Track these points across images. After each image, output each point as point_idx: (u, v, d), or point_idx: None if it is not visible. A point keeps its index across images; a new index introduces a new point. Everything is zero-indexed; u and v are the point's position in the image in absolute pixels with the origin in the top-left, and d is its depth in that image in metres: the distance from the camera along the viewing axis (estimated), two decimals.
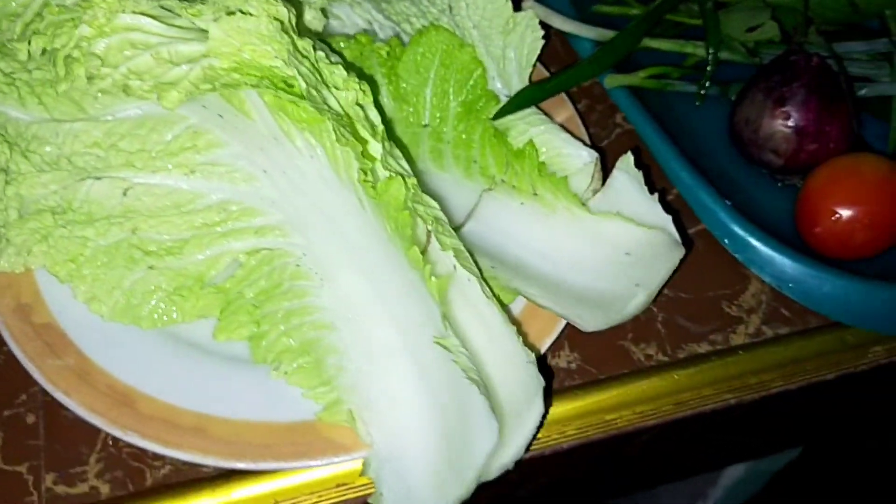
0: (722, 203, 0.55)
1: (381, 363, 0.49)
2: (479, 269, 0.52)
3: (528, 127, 0.58)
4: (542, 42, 0.59)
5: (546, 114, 0.60)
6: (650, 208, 0.53)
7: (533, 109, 0.59)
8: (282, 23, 0.47)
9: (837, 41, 0.67)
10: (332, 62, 0.49)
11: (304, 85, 0.46)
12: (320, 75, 0.49)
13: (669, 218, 0.53)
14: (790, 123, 0.60)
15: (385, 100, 0.62)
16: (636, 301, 0.49)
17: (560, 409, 0.53)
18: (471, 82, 0.60)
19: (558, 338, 0.52)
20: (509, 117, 0.58)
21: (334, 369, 0.50)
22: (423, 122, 0.61)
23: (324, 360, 0.50)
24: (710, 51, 0.62)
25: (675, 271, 0.51)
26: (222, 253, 0.54)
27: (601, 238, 0.54)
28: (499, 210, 0.58)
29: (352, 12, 0.65)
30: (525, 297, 0.51)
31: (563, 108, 0.64)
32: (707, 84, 0.63)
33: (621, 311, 0.49)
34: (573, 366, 0.56)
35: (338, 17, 0.65)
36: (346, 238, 0.52)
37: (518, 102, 0.58)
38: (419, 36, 0.60)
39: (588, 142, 0.61)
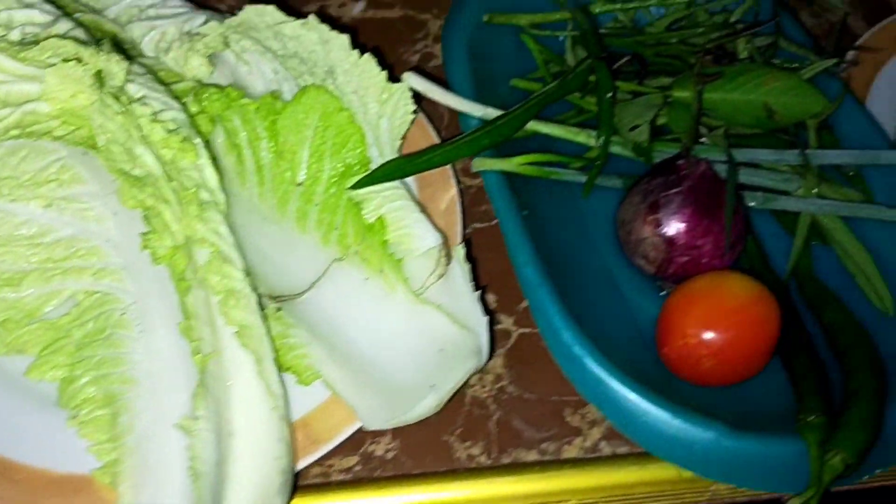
0: (553, 306, 0.52)
1: (161, 431, 0.48)
2: (295, 344, 0.51)
3: (384, 202, 0.56)
4: (412, 116, 0.58)
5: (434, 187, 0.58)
6: (470, 306, 0.51)
7: (395, 184, 0.57)
8: (99, 75, 0.47)
9: (753, 145, 0.63)
10: (156, 119, 0.49)
11: (102, 139, 0.46)
12: (139, 131, 0.48)
13: (485, 320, 0.51)
14: (660, 232, 0.57)
15: (264, 154, 0.61)
16: (425, 403, 0.47)
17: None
18: (348, 146, 0.59)
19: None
20: (370, 189, 0.57)
21: (124, 427, 0.50)
22: (298, 181, 0.60)
23: (118, 416, 0.50)
24: (600, 143, 0.59)
25: (469, 377, 0.49)
26: (59, 290, 0.54)
27: (423, 329, 0.52)
28: (342, 282, 0.56)
29: (261, 59, 0.65)
30: (325, 382, 0.50)
31: (448, 187, 0.62)
32: (596, 177, 0.60)
33: (407, 412, 0.47)
34: (389, 455, 0.54)
35: (247, 63, 0.65)
36: (168, 296, 0.51)
37: (378, 175, 0.56)
38: (300, 94, 0.59)
39: (459, 225, 0.60)
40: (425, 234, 0.55)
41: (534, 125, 0.60)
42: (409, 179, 0.62)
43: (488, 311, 0.53)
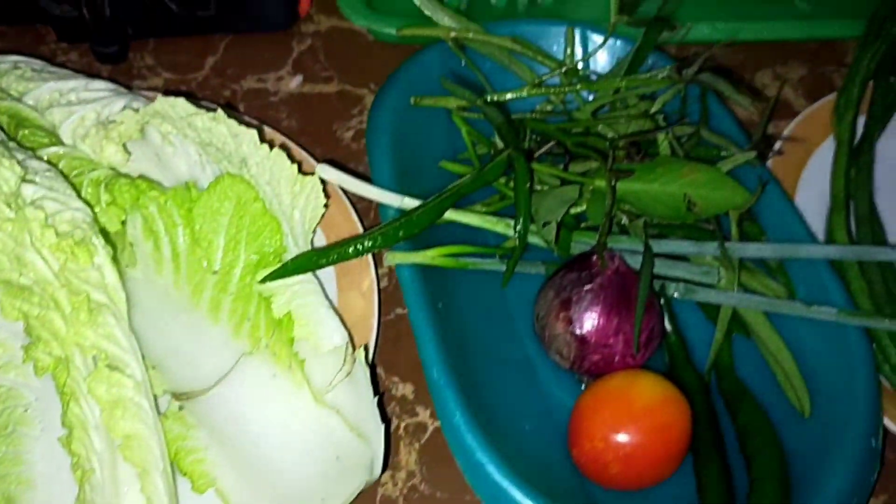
0: (458, 409, 0.51)
1: None
2: (193, 448, 0.50)
3: (294, 296, 0.56)
4: (323, 209, 0.58)
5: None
6: (369, 413, 0.50)
7: (307, 277, 0.56)
8: None
9: (675, 236, 0.63)
10: (48, 224, 0.48)
11: None
12: (30, 236, 0.48)
13: (381, 428, 0.50)
14: (572, 330, 0.56)
15: (181, 240, 0.60)
16: None
17: None
18: (264, 235, 0.59)
19: None
20: (280, 282, 0.56)
21: None
22: (213, 269, 0.60)
23: None
24: (517, 234, 0.59)
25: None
26: None
27: (324, 433, 0.51)
28: (250, 377, 0.55)
29: (185, 141, 0.64)
30: (218, 492, 0.49)
31: (366, 274, 0.62)
32: (514, 267, 0.60)
33: None
34: None
35: (172, 145, 0.64)
36: None
37: (288, 269, 0.55)
38: (215, 182, 0.59)
39: (375, 314, 0.59)
40: (332, 331, 0.54)
41: (451, 214, 0.59)
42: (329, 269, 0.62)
43: (405, 402, 0.52)
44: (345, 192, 0.66)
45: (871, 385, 0.54)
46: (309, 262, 0.56)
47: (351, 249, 0.56)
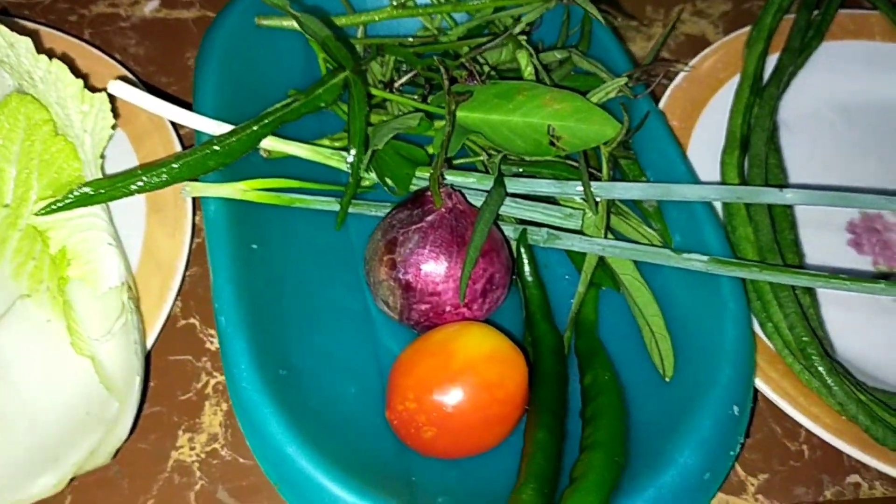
0: (241, 360, 0.44)
1: None
2: None
3: (72, 232, 0.48)
4: (110, 131, 0.50)
5: None
6: (129, 366, 0.43)
7: (94, 211, 0.49)
8: None
9: (540, 175, 0.55)
10: None
11: None
12: None
13: (137, 384, 0.42)
14: (396, 275, 0.48)
15: None
16: (43, 482, 0.39)
17: None
18: (58, 164, 0.51)
19: None
20: (61, 216, 0.48)
21: None
22: (6, 202, 0.52)
23: None
24: (352, 167, 0.51)
25: None
26: None
27: (80, 386, 0.43)
28: (23, 323, 0.48)
29: None
30: None
31: (181, 213, 0.54)
32: (348, 206, 0.52)
33: (20, 493, 0.38)
34: None
35: None
36: None
37: (69, 201, 0.48)
38: (2, 105, 0.51)
39: (182, 260, 0.52)
40: (110, 271, 0.47)
41: (273, 143, 0.52)
42: (139, 202, 0.54)
43: (217, 359, 0.44)
44: (175, 125, 0.59)
45: (740, 345, 0.47)
46: (92, 193, 0.49)
47: (147, 180, 0.49)
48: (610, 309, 0.54)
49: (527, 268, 0.53)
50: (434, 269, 0.48)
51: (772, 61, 0.63)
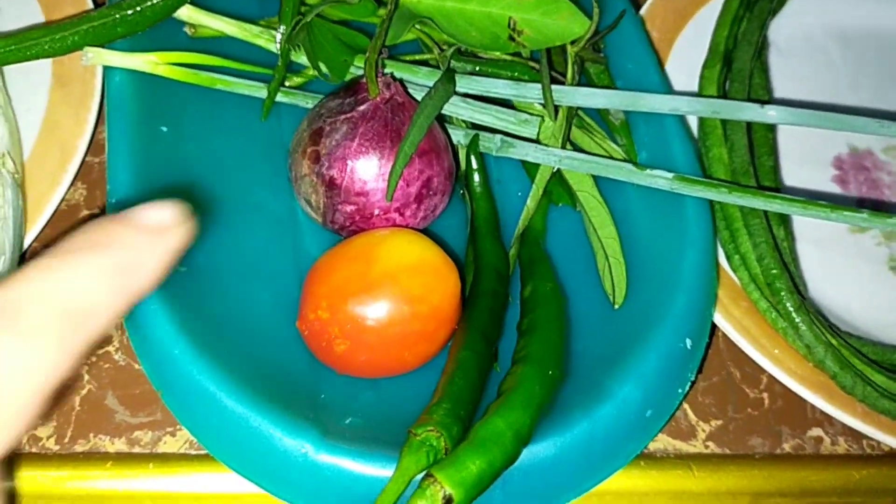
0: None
1: None
2: None
3: None
4: None
5: None
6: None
7: None
8: None
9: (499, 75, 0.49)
10: None
11: None
12: None
13: None
14: (318, 169, 0.42)
15: None
16: None
17: None
18: None
19: None
20: None
21: None
22: None
23: None
24: (281, 48, 0.45)
25: None
26: None
27: None
28: None
29: None
30: None
31: (88, 90, 0.48)
32: (276, 92, 0.46)
33: None
34: None
35: None
36: None
37: None
38: None
39: (84, 140, 0.46)
40: None
41: (197, 16, 0.45)
42: (43, 75, 0.48)
43: None
44: None
45: (698, 274, 0.41)
46: None
47: (35, 44, 0.42)
48: (565, 231, 0.49)
49: (476, 177, 0.48)
50: (362, 165, 0.42)
51: None
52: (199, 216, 0.40)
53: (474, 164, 0.48)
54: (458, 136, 0.49)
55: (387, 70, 0.46)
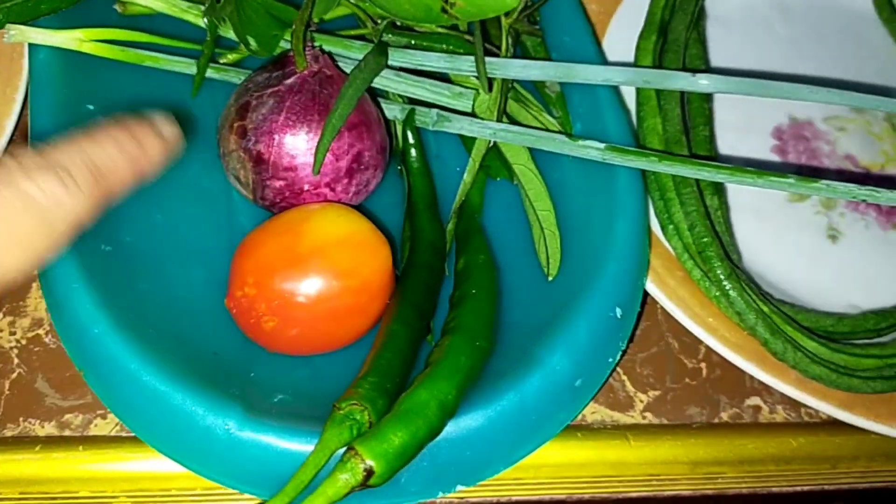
0: None
1: None
2: None
3: None
4: None
5: None
6: None
7: None
8: None
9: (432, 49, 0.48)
10: None
11: None
12: None
13: None
14: (246, 144, 0.42)
15: None
16: None
17: None
18: None
19: None
20: None
21: None
22: None
23: None
24: (207, 23, 0.44)
25: None
26: None
27: None
28: None
29: None
30: None
31: (17, 69, 0.47)
32: (205, 68, 0.45)
33: None
34: None
35: None
36: None
37: None
38: None
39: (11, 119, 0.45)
40: None
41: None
42: None
43: None
44: None
45: (628, 242, 0.41)
46: None
47: None
48: (502, 204, 0.48)
49: (413, 152, 0.48)
50: (290, 139, 0.42)
51: None
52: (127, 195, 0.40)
53: (410, 139, 0.48)
54: (395, 112, 0.48)
55: (317, 44, 0.45)
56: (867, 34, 0.59)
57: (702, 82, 0.44)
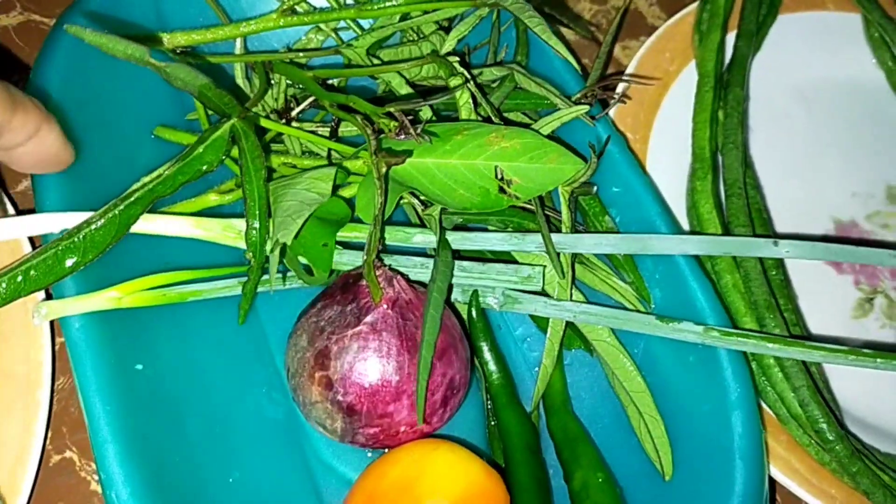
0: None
1: None
2: None
3: None
4: None
5: None
6: None
7: None
8: None
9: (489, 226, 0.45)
10: None
11: None
12: None
13: None
14: (333, 397, 0.38)
15: None
16: None
17: None
18: None
19: None
20: None
21: None
22: None
23: None
24: (249, 244, 0.39)
25: None
26: None
27: None
28: None
29: None
30: None
31: (35, 339, 0.41)
32: (253, 295, 0.40)
33: None
34: None
35: None
36: None
37: None
38: None
39: (45, 390, 0.39)
40: None
41: (146, 225, 0.39)
42: None
43: None
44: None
45: (750, 441, 0.39)
46: None
47: None
48: (581, 377, 0.46)
49: (483, 345, 0.44)
50: (382, 386, 0.38)
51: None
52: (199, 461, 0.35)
53: (479, 329, 0.44)
54: (456, 294, 0.45)
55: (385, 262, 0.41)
56: (887, 111, 0.58)
57: (785, 251, 0.42)
